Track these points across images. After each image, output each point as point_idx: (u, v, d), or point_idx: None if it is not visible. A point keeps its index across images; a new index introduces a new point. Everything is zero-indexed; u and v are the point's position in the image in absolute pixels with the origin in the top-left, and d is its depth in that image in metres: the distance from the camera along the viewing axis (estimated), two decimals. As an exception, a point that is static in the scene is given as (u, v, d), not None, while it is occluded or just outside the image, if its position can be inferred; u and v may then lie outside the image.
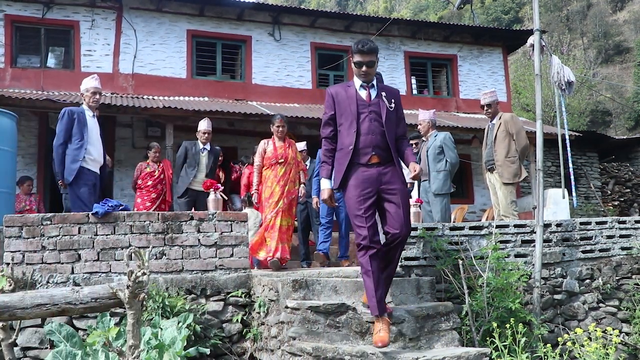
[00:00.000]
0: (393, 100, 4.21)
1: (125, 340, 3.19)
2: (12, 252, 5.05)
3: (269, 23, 14.03)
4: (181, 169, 7.83)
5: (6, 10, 12.12)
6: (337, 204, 6.07)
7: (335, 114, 4.19)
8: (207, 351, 4.68)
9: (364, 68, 4.09)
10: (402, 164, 4.29)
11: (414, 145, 8.22)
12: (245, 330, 5.14)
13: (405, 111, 14.90)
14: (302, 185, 6.90)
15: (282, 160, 6.65)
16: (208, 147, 7.92)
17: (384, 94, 4.19)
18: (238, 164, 10.67)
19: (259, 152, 6.79)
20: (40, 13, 12.32)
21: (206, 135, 7.89)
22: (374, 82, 4.23)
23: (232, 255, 5.39)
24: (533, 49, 6.19)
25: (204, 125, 7.92)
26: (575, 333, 4.48)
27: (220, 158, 8.66)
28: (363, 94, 4.18)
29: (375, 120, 4.10)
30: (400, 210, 4.01)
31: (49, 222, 5.15)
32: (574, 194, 7.80)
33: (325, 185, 4.23)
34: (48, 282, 5.00)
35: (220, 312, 5.17)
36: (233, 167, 10.71)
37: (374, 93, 4.20)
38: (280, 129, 6.79)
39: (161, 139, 11.29)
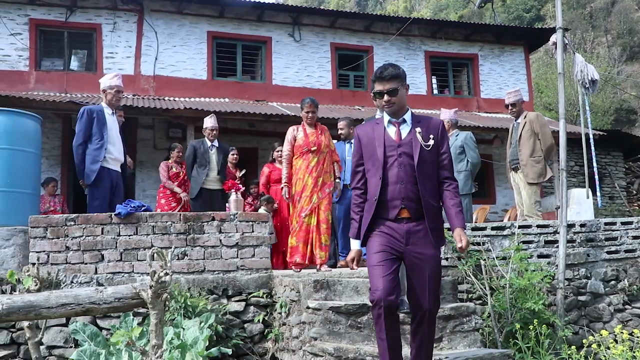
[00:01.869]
0: (432, 136, 3.42)
1: (148, 340, 3.21)
2: (37, 252, 5.12)
3: (289, 24, 14.06)
4: (192, 169, 7.63)
5: (31, 15, 12.30)
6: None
7: (362, 160, 3.54)
8: (229, 351, 4.70)
9: (385, 97, 3.43)
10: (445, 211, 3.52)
11: None
12: (266, 330, 5.15)
13: (426, 111, 14.79)
14: (337, 180, 6.34)
15: (315, 148, 6.09)
16: (216, 144, 7.72)
17: (418, 129, 3.43)
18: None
19: (288, 139, 6.25)
20: (64, 17, 12.49)
21: (214, 132, 7.68)
22: (406, 117, 3.50)
23: (253, 256, 5.40)
24: (556, 47, 6.13)
25: (210, 122, 7.71)
26: (601, 335, 4.41)
27: (235, 156, 8.53)
28: (392, 131, 3.48)
29: (406, 164, 3.37)
30: (426, 283, 3.30)
31: (72, 223, 5.21)
32: (598, 193, 7.71)
33: (354, 245, 3.54)
34: (72, 282, 5.06)
35: (241, 313, 5.19)
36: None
37: (405, 130, 3.47)
38: (310, 114, 6.21)
39: (182, 140, 11.36)
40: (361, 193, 3.54)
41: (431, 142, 3.41)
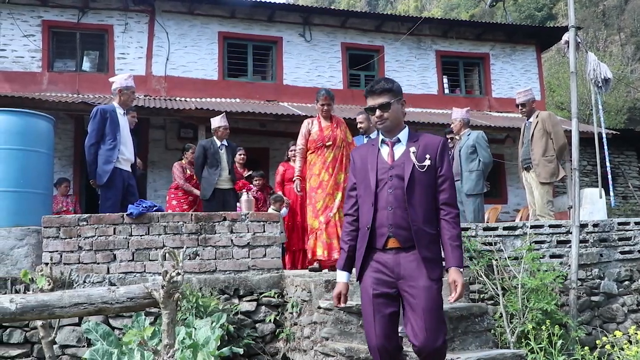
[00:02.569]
0: (428, 156, 3.07)
1: (160, 340, 3.22)
2: (50, 252, 5.15)
3: (300, 24, 14.07)
4: (201, 169, 7.45)
5: (44, 16, 12.40)
6: None
7: (356, 184, 3.23)
8: (241, 351, 4.70)
9: (377, 113, 3.14)
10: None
11: (449, 141, 8.04)
12: (278, 330, 5.15)
13: (437, 111, 14.65)
14: None
15: (330, 142, 5.90)
16: (226, 143, 7.59)
17: (412, 148, 3.09)
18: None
19: (302, 133, 6.05)
20: (76, 18, 12.58)
21: (227, 131, 7.59)
22: (401, 135, 3.18)
23: (264, 256, 5.41)
24: (568, 46, 6.09)
25: (223, 121, 7.58)
26: (614, 336, 4.38)
27: (242, 156, 8.48)
28: (385, 152, 3.17)
29: (396, 188, 3.04)
30: (422, 320, 2.94)
31: (85, 223, 5.24)
32: (611, 193, 7.64)
33: (340, 278, 3.23)
34: (85, 281, 5.09)
35: (253, 312, 5.19)
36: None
37: (399, 150, 3.15)
38: (326, 107, 6.00)
39: (193, 140, 11.39)
40: (353, 220, 3.21)
41: (427, 162, 3.05)
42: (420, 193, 3.03)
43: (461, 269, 3.01)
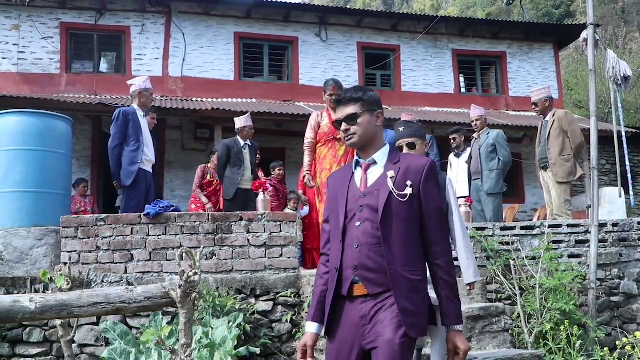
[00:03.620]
0: (409, 183, 2.42)
1: (178, 339, 3.23)
2: (68, 252, 5.21)
3: (316, 24, 14.07)
4: (224, 169, 7.39)
5: (62, 18, 12.53)
6: None
7: (329, 215, 2.63)
8: (257, 350, 4.72)
9: (342, 126, 2.53)
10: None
11: (452, 141, 7.91)
12: (294, 330, 5.16)
13: (453, 110, 14.50)
14: None
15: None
16: (249, 142, 7.58)
17: (391, 173, 2.45)
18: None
19: (311, 125, 5.79)
20: (94, 20, 12.69)
21: (252, 131, 7.57)
22: (377, 156, 2.53)
23: (281, 256, 5.41)
24: (586, 44, 6.03)
25: (248, 121, 7.56)
26: (635, 337, 4.33)
27: (258, 156, 8.47)
28: (358, 177, 2.55)
29: (366, 220, 2.42)
30: None
31: (103, 223, 5.29)
32: (631, 192, 7.56)
33: (308, 329, 2.60)
34: (102, 281, 5.13)
35: (269, 312, 5.20)
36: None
37: (375, 174, 2.51)
38: (334, 97, 5.48)
39: (210, 141, 11.45)
40: (326, 261, 2.59)
41: (408, 190, 2.40)
42: (399, 228, 2.39)
43: (461, 329, 2.41)
